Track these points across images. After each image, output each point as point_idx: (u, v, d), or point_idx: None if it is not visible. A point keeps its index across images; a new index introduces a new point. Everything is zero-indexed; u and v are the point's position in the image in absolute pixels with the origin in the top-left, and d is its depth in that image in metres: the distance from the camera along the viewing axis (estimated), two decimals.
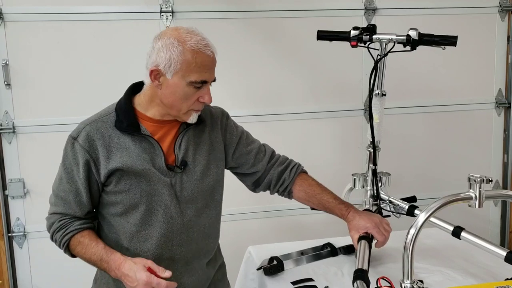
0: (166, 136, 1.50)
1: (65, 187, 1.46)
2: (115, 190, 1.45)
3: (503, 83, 3.08)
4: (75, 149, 1.44)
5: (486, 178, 1.25)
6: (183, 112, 1.44)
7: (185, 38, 1.38)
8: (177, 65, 1.37)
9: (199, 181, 1.52)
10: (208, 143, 1.57)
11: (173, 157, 1.49)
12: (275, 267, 1.78)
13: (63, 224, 1.46)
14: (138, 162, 1.43)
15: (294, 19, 2.79)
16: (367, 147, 1.86)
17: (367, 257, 1.48)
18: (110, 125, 1.45)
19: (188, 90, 1.40)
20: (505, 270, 1.47)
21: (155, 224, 1.47)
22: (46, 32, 2.57)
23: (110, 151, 1.43)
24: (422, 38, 1.74)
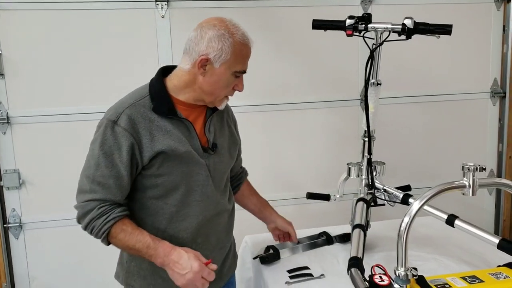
0: (197, 120, 1.55)
1: (104, 172, 1.43)
2: (157, 173, 1.47)
3: (498, 73, 3.09)
4: (117, 132, 1.43)
5: (479, 167, 1.26)
6: (219, 98, 1.52)
7: (233, 30, 1.45)
8: (226, 56, 1.43)
9: (225, 163, 1.63)
10: (228, 128, 1.68)
11: (205, 140, 1.56)
12: (271, 255, 1.80)
13: (103, 211, 1.43)
14: (181, 144, 1.47)
15: (290, 8, 2.78)
16: (362, 136, 1.87)
17: (362, 246, 1.49)
18: (147, 108, 1.47)
19: (230, 79, 1.48)
20: (497, 257, 1.48)
21: (192, 203, 1.53)
22: (40, 22, 2.55)
23: (152, 134, 1.45)
24: (417, 27, 1.73)
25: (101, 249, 2.78)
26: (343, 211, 2.11)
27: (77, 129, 2.65)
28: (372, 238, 1.94)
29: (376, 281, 1.20)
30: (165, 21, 2.64)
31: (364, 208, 1.71)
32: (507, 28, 3.01)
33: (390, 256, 1.78)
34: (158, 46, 2.65)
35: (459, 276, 1.27)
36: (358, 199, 1.79)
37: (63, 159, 2.66)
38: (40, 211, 2.69)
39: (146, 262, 1.54)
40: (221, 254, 1.67)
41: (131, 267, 1.61)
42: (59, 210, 2.68)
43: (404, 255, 1.20)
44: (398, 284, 1.21)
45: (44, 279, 2.76)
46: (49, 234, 2.71)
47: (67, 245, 2.73)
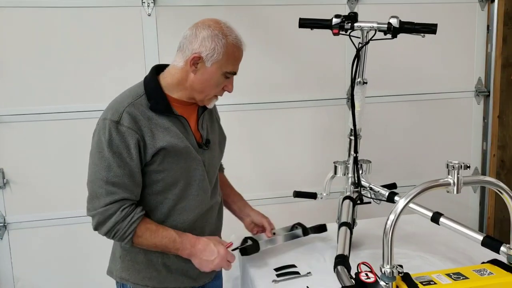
0: (191, 117, 1.61)
1: (117, 172, 1.46)
2: (158, 169, 1.52)
3: (483, 72, 3.12)
4: (122, 131, 1.45)
5: (464, 165, 1.27)
6: (209, 97, 1.58)
7: (227, 32, 1.50)
8: (218, 56, 1.48)
9: (217, 158, 1.72)
10: (217, 125, 1.77)
11: (199, 136, 1.63)
12: (251, 247, 1.80)
13: (127, 212, 1.48)
14: (179, 140, 1.53)
15: (277, 7, 2.78)
16: (348, 135, 1.88)
17: (348, 243, 1.50)
18: (145, 107, 1.51)
19: (220, 79, 1.54)
20: (481, 254, 1.50)
21: (190, 197, 1.59)
22: (23, 20, 2.52)
23: (153, 132, 1.49)
24: (403, 26, 1.75)
25: (87, 249, 2.78)
26: (330, 209, 2.12)
27: (62, 127, 2.63)
28: (358, 236, 1.95)
29: (362, 279, 1.21)
30: (152, 20, 2.63)
31: (351, 206, 1.72)
32: (491, 28, 3.05)
33: (376, 253, 1.79)
34: (145, 45, 2.64)
35: (444, 273, 1.28)
36: (344, 197, 1.80)
37: (48, 158, 2.64)
38: (25, 211, 2.66)
39: (141, 256, 1.60)
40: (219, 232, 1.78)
41: (125, 262, 1.63)
42: (44, 209, 2.67)
43: (390, 253, 1.21)
44: (384, 281, 1.21)
45: (29, 279, 2.73)
46: (34, 234, 2.69)
47: (52, 245, 2.71)
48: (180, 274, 1.64)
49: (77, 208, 2.61)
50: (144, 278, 1.62)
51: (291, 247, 1.95)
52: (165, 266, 1.62)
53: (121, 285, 1.66)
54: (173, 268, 1.63)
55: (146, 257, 1.61)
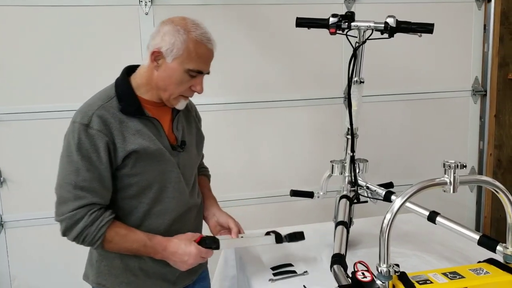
0: (164, 118, 1.58)
1: (86, 176, 1.42)
2: (130, 172, 1.48)
3: (479, 71, 3.13)
4: (91, 135, 1.42)
5: (460, 164, 1.27)
6: (173, 96, 1.52)
7: (190, 28, 1.46)
8: (179, 51, 1.44)
9: (194, 159, 1.68)
10: (195, 125, 1.72)
11: (173, 138, 1.59)
12: (210, 238, 1.59)
13: (95, 217, 1.43)
14: (152, 143, 1.49)
15: (274, 6, 2.78)
16: (345, 134, 1.88)
17: (345, 242, 1.50)
18: (116, 109, 1.48)
19: (183, 76, 1.47)
20: (478, 253, 1.50)
21: (165, 201, 1.55)
22: (21, 18, 2.51)
23: (124, 134, 1.46)
24: (400, 25, 1.75)
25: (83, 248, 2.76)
26: (326, 208, 2.12)
27: (59, 126, 2.57)
28: (355, 235, 1.95)
29: (358, 278, 1.21)
30: (149, 19, 2.63)
31: (347, 205, 1.72)
32: (487, 27, 3.06)
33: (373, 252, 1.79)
34: (142, 44, 2.63)
35: (440, 272, 1.28)
36: (341, 196, 1.80)
37: (45, 157, 2.62)
38: (22, 210, 2.66)
39: (117, 260, 1.57)
40: None
41: (101, 267, 1.60)
42: (41, 208, 2.65)
43: (386, 252, 1.22)
44: (381, 280, 1.21)
45: (25, 278, 2.73)
46: (31, 232, 2.68)
47: (48, 244, 2.70)
48: (158, 278, 1.61)
49: None
50: (122, 283, 1.59)
51: (287, 246, 1.95)
52: (142, 270, 1.58)
53: None
54: (151, 272, 1.59)
55: (122, 262, 1.57)
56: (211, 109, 2.72)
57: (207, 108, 2.51)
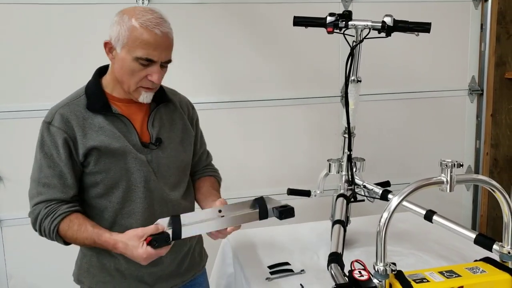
0: (136, 115, 1.53)
1: (46, 173, 1.44)
2: (94, 170, 1.46)
3: (476, 71, 3.14)
4: (52, 132, 1.44)
5: (457, 163, 1.27)
6: (132, 89, 1.46)
7: (137, 15, 1.40)
8: (124, 39, 1.40)
9: (174, 157, 1.57)
10: (181, 122, 1.63)
11: (147, 135, 1.53)
12: (160, 237, 1.37)
13: (49, 210, 1.43)
14: (115, 140, 1.46)
15: (271, 4, 2.78)
16: (342, 133, 1.88)
17: (342, 241, 1.50)
18: (82, 107, 1.47)
19: (134, 65, 1.41)
20: (474, 252, 1.51)
21: (136, 200, 1.51)
22: (18, 16, 2.51)
23: (85, 131, 1.45)
24: (397, 24, 1.75)
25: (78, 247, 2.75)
26: (323, 207, 2.12)
27: None
28: (351, 234, 1.96)
29: (355, 276, 1.21)
30: None
31: (344, 204, 1.73)
32: (484, 27, 3.07)
33: (370, 251, 1.80)
34: None
35: (437, 271, 1.28)
36: (338, 195, 1.80)
37: None
38: (19, 208, 2.65)
39: (94, 259, 1.56)
40: (175, 253, 1.60)
41: (83, 264, 1.61)
42: None
43: (383, 251, 1.22)
44: (377, 279, 1.21)
45: (22, 277, 2.72)
46: (28, 231, 2.63)
47: (45, 243, 2.65)
48: (134, 279, 1.56)
49: None
50: (98, 282, 1.57)
51: (284, 245, 1.96)
52: (118, 271, 1.55)
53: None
54: (127, 274, 1.55)
55: (99, 260, 1.56)
56: (207, 107, 2.71)
57: (202, 107, 2.50)
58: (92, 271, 1.58)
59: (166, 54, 1.43)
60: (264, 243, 1.99)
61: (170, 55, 1.46)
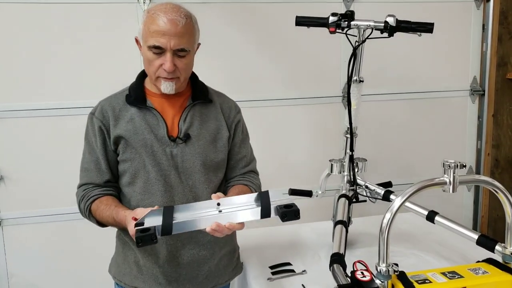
0: (171, 109, 1.58)
1: (87, 158, 1.57)
2: (123, 158, 1.54)
3: (478, 71, 3.13)
4: (93, 121, 1.56)
5: (460, 164, 1.27)
6: (153, 78, 1.52)
7: (155, 8, 1.47)
8: (142, 32, 1.48)
9: (201, 154, 1.57)
10: (217, 122, 1.63)
11: (177, 130, 1.57)
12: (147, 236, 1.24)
13: (85, 193, 1.55)
14: (140, 132, 1.53)
15: (273, 4, 2.77)
16: (344, 133, 1.88)
17: (344, 241, 1.50)
18: (122, 100, 1.58)
19: (149, 55, 1.47)
20: (476, 253, 1.50)
21: (157, 193, 1.54)
22: (17, 15, 2.50)
23: (117, 121, 1.54)
24: (400, 24, 1.75)
25: (81, 245, 2.77)
26: (325, 207, 2.12)
27: (57, 123, 2.62)
28: (353, 234, 1.96)
29: (358, 277, 1.21)
30: None
31: (346, 205, 1.72)
32: (486, 27, 3.06)
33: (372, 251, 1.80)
34: None
35: (439, 271, 1.28)
36: (340, 196, 1.80)
37: (44, 155, 2.63)
38: (20, 207, 2.65)
39: (120, 249, 1.65)
40: (193, 255, 1.59)
41: (114, 254, 1.71)
42: (39, 206, 2.66)
43: (386, 251, 1.21)
44: (380, 280, 1.21)
45: (23, 275, 2.72)
46: (29, 230, 2.68)
47: (46, 242, 2.70)
48: (150, 277, 1.58)
49: (71, 205, 2.55)
50: (120, 273, 1.65)
51: (286, 245, 1.96)
52: (136, 265, 1.60)
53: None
54: (144, 269, 1.59)
55: (124, 251, 1.64)
56: None
57: None
58: (118, 261, 1.67)
59: (175, 41, 1.44)
60: (266, 243, 1.99)
61: (183, 43, 1.46)
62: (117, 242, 1.68)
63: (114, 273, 1.68)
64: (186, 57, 1.49)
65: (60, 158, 2.63)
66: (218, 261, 1.65)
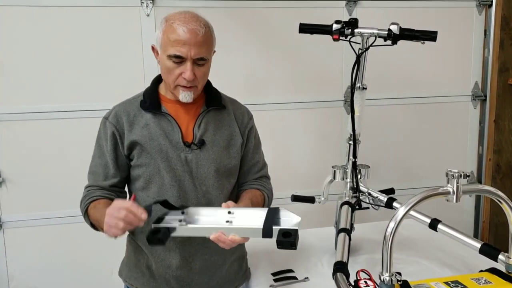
0: (186, 115, 1.58)
1: (96, 162, 1.58)
2: (137, 163, 1.55)
3: (480, 76, 3.14)
4: (106, 126, 1.56)
5: (463, 173, 1.28)
6: (172, 87, 1.52)
7: (172, 18, 1.48)
8: (160, 41, 1.49)
9: (215, 160, 1.58)
10: (230, 128, 1.63)
11: (192, 135, 1.57)
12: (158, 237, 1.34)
13: (88, 193, 1.55)
14: (155, 137, 1.53)
15: (276, 9, 2.78)
16: (347, 140, 1.88)
17: (347, 250, 1.50)
18: (136, 106, 1.58)
19: (169, 64, 1.48)
20: (479, 262, 1.51)
21: (170, 199, 1.52)
22: (21, 18, 2.51)
23: (132, 126, 1.54)
24: (403, 33, 1.75)
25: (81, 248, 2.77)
26: (327, 213, 2.12)
27: (59, 127, 2.62)
28: (356, 241, 1.96)
29: (361, 286, 1.22)
30: (150, 20, 2.62)
31: (349, 212, 1.72)
32: (488, 33, 3.06)
33: (374, 258, 1.81)
34: (143, 45, 2.63)
35: (442, 281, 1.29)
36: (342, 203, 1.80)
37: (45, 157, 2.63)
38: (21, 210, 2.65)
39: (132, 253, 1.65)
40: (206, 261, 1.60)
41: (125, 257, 1.71)
42: (39, 209, 2.66)
43: (389, 260, 1.22)
44: None
45: (23, 278, 2.72)
46: (29, 233, 2.68)
47: (47, 245, 2.70)
48: (162, 282, 1.59)
49: (72, 208, 2.59)
50: (131, 277, 1.66)
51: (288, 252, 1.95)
52: (148, 269, 1.61)
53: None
54: (156, 274, 1.60)
55: (135, 256, 1.64)
56: None
57: None
58: (129, 264, 1.67)
59: (195, 50, 1.45)
60: (268, 249, 1.99)
61: (203, 52, 1.47)
62: (128, 246, 1.68)
63: (125, 277, 1.68)
64: (205, 65, 1.51)
65: (61, 161, 2.64)
66: (229, 266, 1.67)
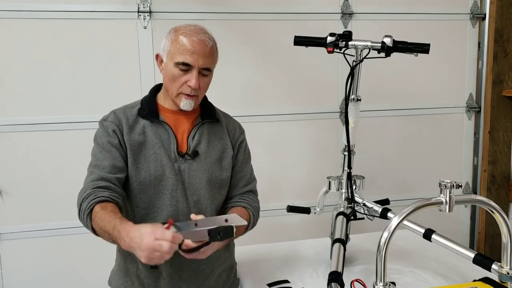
0: (181, 126, 1.62)
1: (99, 156, 1.53)
2: (132, 168, 1.54)
3: (474, 88, 3.17)
4: (105, 125, 1.57)
5: (456, 184, 1.29)
6: (174, 95, 1.56)
7: (181, 29, 1.55)
8: (167, 49, 1.54)
9: (207, 172, 1.61)
10: (222, 141, 1.68)
11: (186, 146, 1.60)
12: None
13: (95, 191, 1.43)
14: (151, 145, 1.56)
15: (272, 21, 2.80)
16: (342, 151, 1.90)
17: (342, 260, 1.51)
18: (134, 113, 1.60)
19: (175, 71, 1.52)
20: (473, 272, 1.52)
21: (162, 207, 1.55)
22: (19, 31, 2.53)
23: (131, 130, 1.56)
24: (397, 45, 1.78)
25: (78, 260, 2.75)
26: (323, 223, 2.13)
27: (55, 138, 2.62)
28: (351, 251, 1.96)
29: None
30: (147, 32, 2.64)
31: (344, 222, 1.74)
32: (482, 45, 3.10)
33: (369, 269, 1.81)
34: (140, 57, 2.65)
35: None
36: (338, 213, 1.81)
37: (41, 169, 2.63)
38: (17, 222, 2.65)
39: (122, 261, 1.63)
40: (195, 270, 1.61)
41: (115, 266, 1.70)
42: (36, 221, 2.65)
43: (383, 270, 1.23)
44: None
45: None
46: (25, 245, 2.67)
47: (43, 257, 2.69)
48: None
49: (69, 219, 2.61)
50: (121, 285, 1.64)
51: (284, 262, 1.96)
52: (138, 278, 1.60)
53: None
54: (145, 283, 1.59)
55: (125, 264, 1.63)
56: None
57: None
58: (119, 273, 1.66)
59: (203, 60, 1.52)
60: (263, 260, 2.00)
61: (209, 63, 1.55)
62: (118, 255, 1.68)
63: (115, 286, 1.68)
64: (208, 76, 1.58)
65: (58, 173, 2.64)
66: (217, 276, 1.68)
